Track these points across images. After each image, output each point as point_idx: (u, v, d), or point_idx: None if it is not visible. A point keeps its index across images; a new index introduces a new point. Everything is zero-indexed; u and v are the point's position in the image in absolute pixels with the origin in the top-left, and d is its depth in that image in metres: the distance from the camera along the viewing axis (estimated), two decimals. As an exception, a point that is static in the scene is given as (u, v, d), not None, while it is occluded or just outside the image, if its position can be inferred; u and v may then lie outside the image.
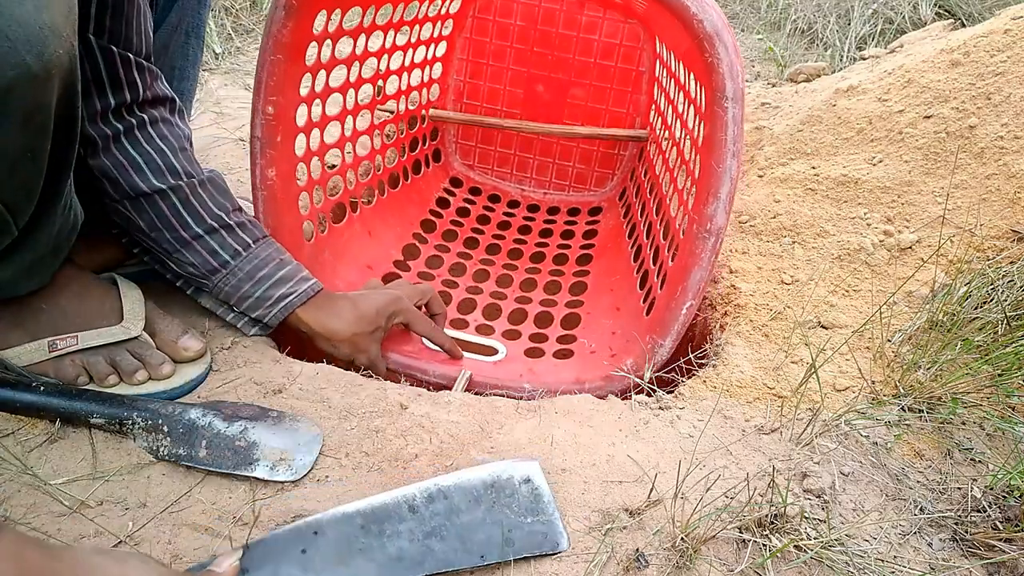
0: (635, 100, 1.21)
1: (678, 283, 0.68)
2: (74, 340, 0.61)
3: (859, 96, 1.04)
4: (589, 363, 0.80)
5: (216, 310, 0.71)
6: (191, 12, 0.77)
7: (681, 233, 0.74)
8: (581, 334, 0.89)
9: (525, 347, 0.87)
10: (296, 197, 0.83)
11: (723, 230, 0.64)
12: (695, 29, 0.58)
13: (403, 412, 0.63)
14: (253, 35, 1.74)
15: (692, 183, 0.74)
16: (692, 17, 0.58)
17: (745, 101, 0.62)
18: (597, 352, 0.83)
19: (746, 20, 1.97)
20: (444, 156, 1.29)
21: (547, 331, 0.92)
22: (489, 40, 1.23)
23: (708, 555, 0.51)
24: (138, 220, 0.64)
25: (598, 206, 1.26)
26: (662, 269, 0.80)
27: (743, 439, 0.62)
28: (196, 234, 0.65)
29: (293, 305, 0.69)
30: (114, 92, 0.61)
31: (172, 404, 0.60)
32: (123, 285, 0.66)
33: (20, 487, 0.53)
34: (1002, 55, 0.92)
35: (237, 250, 0.67)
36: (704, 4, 0.58)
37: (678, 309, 0.67)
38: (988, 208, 0.83)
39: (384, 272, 0.98)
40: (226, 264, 0.67)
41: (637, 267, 0.95)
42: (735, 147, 0.61)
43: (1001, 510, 0.55)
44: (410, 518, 0.51)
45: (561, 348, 0.87)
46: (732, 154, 0.61)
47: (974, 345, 0.69)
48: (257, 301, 0.68)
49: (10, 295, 0.59)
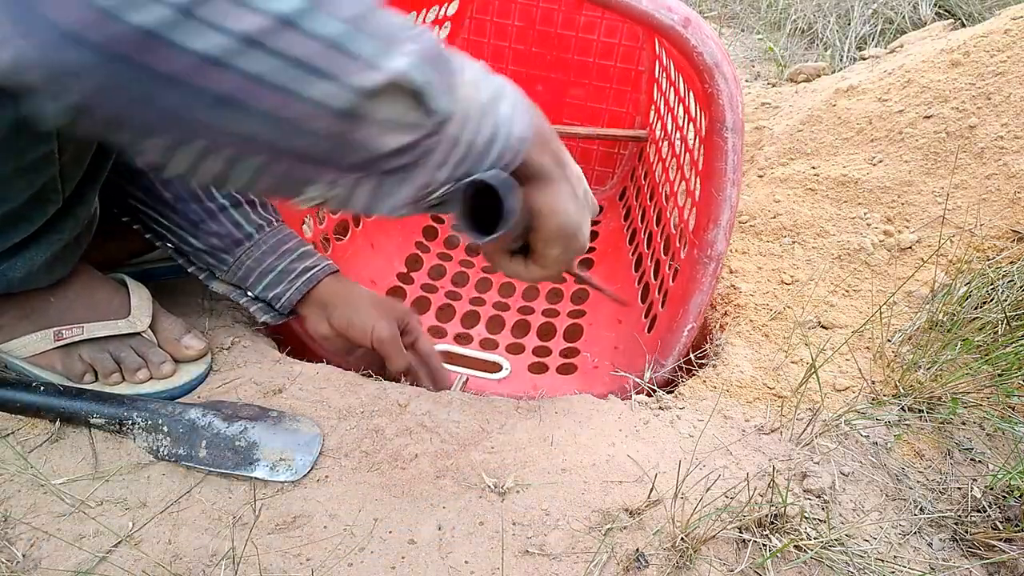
0: (635, 99, 1.21)
1: (679, 306, 0.70)
2: (80, 330, 0.61)
3: (859, 96, 1.04)
4: (592, 378, 0.81)
5: (229, 294, 0.70)
6: None
7: (682, 252, 0.75)
8: (584, 347, 0.89)
9: (529, 362, 0.89)
10: (300, 220, 0.83)
11: (723, 255, 0.66)
12: (695, 61, 0.59)
13: (403, 411, 0.63)
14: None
15: (692, 204, 0.74)
16: (692, 49, 0.59)
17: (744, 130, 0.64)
18: (600, 367, 0.84)
19: (746, 20, 1.97)
20: None
21: (550, 344, 0.93)
22: (487, 41, 1.23)
23: (708, 555, 0.51)
24: (164, 192, 0.65)
25: (599, 205, 1.26)
26: (663, 286, 0.81)
27: (743, 439, 0.62)
28: (222, 205, 0.66)
29: (317, 277, 0.69)
30: None
31: (172, 404, 0.60)
32: (131, 283, 0.66)
33: (20, 487, 0.53)
34: (1002, 55, 0.92)
35: (261, 224, 0.69)
36: (703, 36, 0.59)
37: (680, 331, 0.69)
38: (988, 208, 0.83)
39: (388, 287, 0.98)
40: (250, 236, 0.68)
41: (638, 277, 0.96)
42: (734, 176, 0.62)
43: (1001, 510, 0.55)
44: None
45: (564, 363, 0.88)
46: (732, 183, 0.63)
47: (974, 345, 0.69)
48: (280, 275, 0.68)
49: (32, 287, 0.59)
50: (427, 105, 0.34)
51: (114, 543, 0.50)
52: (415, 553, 0.51)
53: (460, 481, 0.57)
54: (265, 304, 0.69)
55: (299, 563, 0.50)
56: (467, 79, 0.37)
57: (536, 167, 0.44)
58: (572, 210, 0.46)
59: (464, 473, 0.57)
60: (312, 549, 0.51)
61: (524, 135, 0.41)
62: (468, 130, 0.37)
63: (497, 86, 0.40)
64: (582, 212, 0.48)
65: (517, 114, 0.40)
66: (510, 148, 0.40)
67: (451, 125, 0.36)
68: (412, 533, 0.52)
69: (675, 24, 0.58)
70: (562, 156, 0.46)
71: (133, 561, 0.49)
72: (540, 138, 0.43)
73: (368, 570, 0.50)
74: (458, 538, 0.52)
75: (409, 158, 0.36)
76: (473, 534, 0.52)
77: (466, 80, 0.37)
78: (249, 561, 0.50)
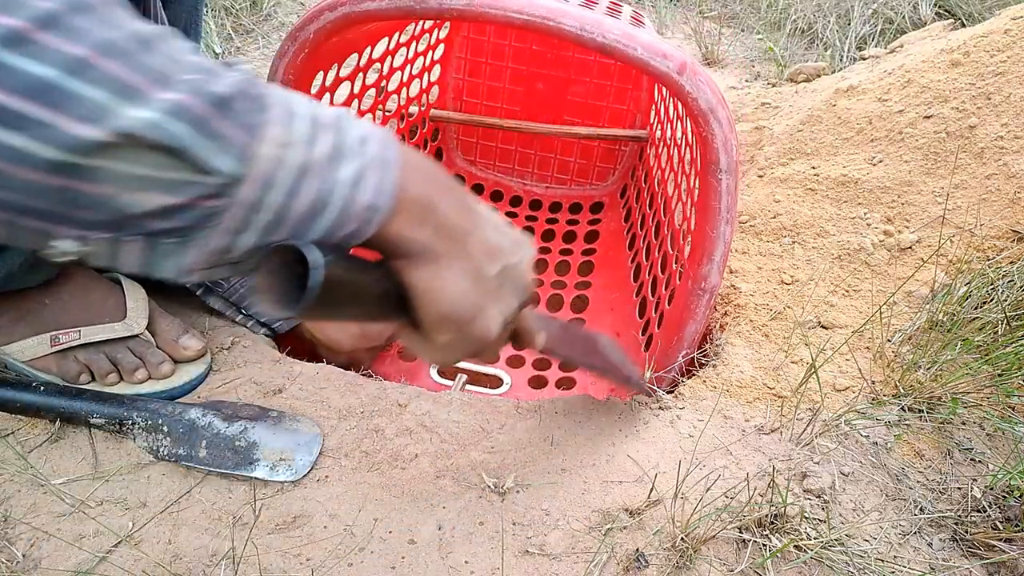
0: (635, 97, 1.21)
1: (674, 334, 0.72)
2: (76, 335, 0.61)
3: (859, 96, 1.04)
4: (591, 394, 0.82)
5: (226, 311, 0.71)
6: (188, 9, 0.77)
7: (678, 277, 0.77)
8: None
9: (529, 375, 0.90)
10: None
11: (717, 287, 0.67)
12: (690, 106, 0.60)
13: (403, 411, 0.63)
14: (253, 36, 1.74)
15: (688, 234, 0.76)
16: (688, 95, 0.60)
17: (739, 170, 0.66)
18: (597, 384, 0.86)
19: (746, 20, 1.97)
20: (446, 154, 1.30)
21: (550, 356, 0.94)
22: (487, 38, 1.23)
23: (708, 555, 0.51)
24: None
25: (600, 201, 1.26)
26: (659, 307, 0.83)
27: (743, 439, 0.62)
28: None
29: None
30: None
31: (172, 404, 0.60)
32: (127, 283, 0.66)
33: (20, 487, 0.53)
34: (1002, 55, 0.92)
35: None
36: (698, 81, 0.60)
37: (674, 357, 0.71)
38: (988, 208, 0.83)
39: None
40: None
41: (636, 289, 0.97)
42: (728, 215, 0.64)
43: (1001, 510, 0.55)
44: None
45: (563, 376, 0.89)
46: (726, 221, 0.64)
47: (974, 345, 0.69)
48: None
49: (19, 286, 0.59)
50: (197, 164, 0.29)
51: (114, 543, 0.50)
52: (415, 553, 0.51)
53: (460, 481, 0.57)
54: (258, 323, 0.70)
55: (299, 563, 0.50)
56: (276, 135, 0.30)
57: (406, 242, 0.35)
58: (461, 292, 0.37)
59: (464, 473, 0.57)
60: (312, 549, 0.51)
61: (376, 203, 0.33)
62: (275, 193, 0.31)
63: (341, 145, 0.32)
64: (484, 294, 0.38)
65: (368, 179, 0.33)
66: (353, 217, 0.33)
67: (244, 187, 0.30)
68: (412, 533, 0.52)
69: (670, 71, 0.59)
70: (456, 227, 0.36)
71: (133, 561, 0.49)
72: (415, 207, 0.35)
73: (368, 570, 0.50)
74: (458, 538, 0.52)
75: (184, 221, 0.30)
76: (473, 534, 0.52)
77: (274, 136, 0.30)
78: (249, 561, 0.50)
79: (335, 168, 0.32)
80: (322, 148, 0.32)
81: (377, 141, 0.34)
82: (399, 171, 0.34)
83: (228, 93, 0.29)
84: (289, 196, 0.31)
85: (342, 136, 0.33)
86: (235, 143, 0.29)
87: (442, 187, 0.37)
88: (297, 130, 0.31)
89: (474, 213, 0.38)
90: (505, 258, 0.39)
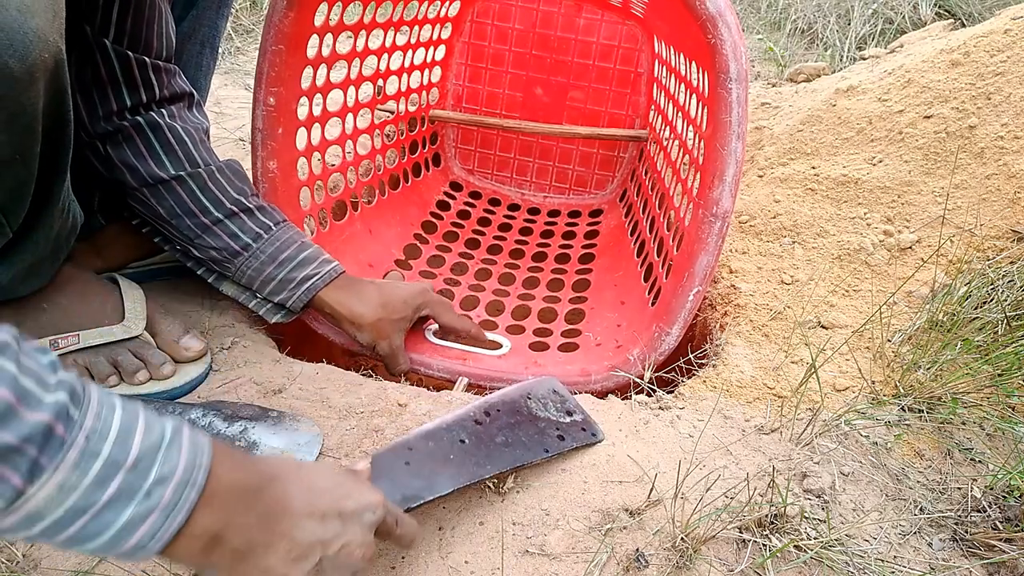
0: (634, 101, 1.21)
1: (684, 269, 0.66)
2: (75, 339, 0.61)
3: (859, 96, 1.04)
4: (594, 355, 0.79)
5: (239, 297, 0.71)
6: (208, 22, 0.77)
7: (686, 221, 0.73)
8: (586, 328, 0.88)
9: (530, 341, 0.87)
10: (297, 192, 0.83)
11: (729, 213, 0.62)
12: (698, 11, 0.58)
13: (403, 411, 0.63)
14: (253, 35, 1.74)
15: (696, 171, 0.73)
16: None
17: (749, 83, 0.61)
18: (603, 344, 0.82)
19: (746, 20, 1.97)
20: (444, 160, 1.29)
21: (551, 326, 0.92)
22: (488, 44, 1.23)
23: (708, 555, 0.51)
24: (158, 207, 0.65)
25: (598, 208, 1.26)
26: (667, 259, 0.79)
27: (743, 439, 0.62)
28: (216, 219, 0.66)
29: (316, 287, 0.69)
30: (130, 93, 0.62)
31: (172, 404, 0.60)
32: (124, 285, 0.66)
33: (20, 487, 0.53)
34: (1002, 55, 0.92)
35: (258, 233, 0.68)
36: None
37: (685, 296, 0.66)
38: (988, 208, 0.83)
39: (385, 270, 0.98)
40: (248, 247, 0.67)
41: (641, 261, 0.94)
42: (740, 128, 0.60)
43: (1001, 510, 0.55)
44: (477, 428, 0.57)
45: (566, 342, 0.86)
46: (737, 136, 0.60)
47: (974, 345, 0.69)
48: (280, 284, 0.68)
49: (11, 296, 0.59)
50: None
51: (114, 543, 0.50)
52: (415, 553, 0.51)
53: (460, 481, 0.57)
54: (273, 305, 0.70)
55: (299, 563, 0.50)
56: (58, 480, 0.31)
57: (197, 565, 0.37)
58: None
59: (464, 473, 0.57)
60: (312, 549, 0.51)
61: (145, 545, 0.33)
62: (44, 524, 0.31)
63: (131, 488, 0.33)
64: None
65: (145, 524, 0.33)
66: (122, 552, 0.33)
67: (10, 517, 0.31)
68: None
69: None
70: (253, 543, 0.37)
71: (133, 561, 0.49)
72: (204, 535, 0.35)
73: (368, 570, 0.50)
74: (458, 538, 0.52)
75: None
76: (473, 534, 0.52)
77: (56, 482, 0.31)
78: (249, 561, 0.50)
79: (114, 511, 0.32)
80: (109, 491, 0.32)
81: (175, 485, 0.34)
82: (187, 512, 0.34)
83: (12, 443, 0.29)
84: (57, 528, 0.32)
85: (140, 478, 0.33)
86: (10, 484, 0.30)
87: (246, 506, 0.37)
88: (90, 473, 0.32)
89: (281, 521, 0.38)
90: (324, 549, 0.39)
